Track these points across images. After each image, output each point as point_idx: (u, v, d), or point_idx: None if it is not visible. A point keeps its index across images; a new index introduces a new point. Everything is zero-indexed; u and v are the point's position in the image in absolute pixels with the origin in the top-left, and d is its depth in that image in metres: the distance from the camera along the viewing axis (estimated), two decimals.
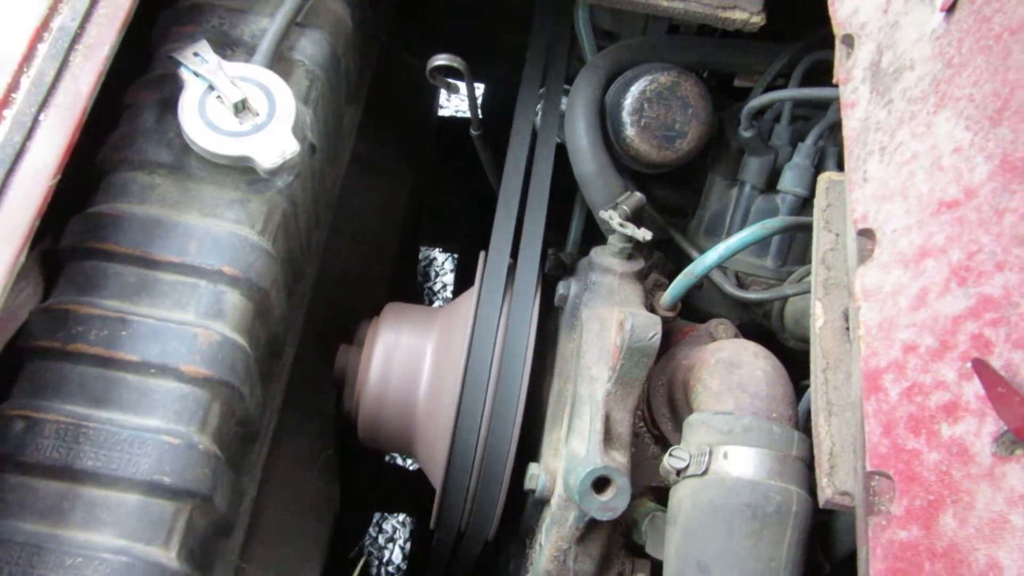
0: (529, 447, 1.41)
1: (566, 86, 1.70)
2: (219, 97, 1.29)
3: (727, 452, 1.21)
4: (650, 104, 1.53)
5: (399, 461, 3.19)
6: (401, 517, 3.37)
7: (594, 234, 1.88)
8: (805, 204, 1.67)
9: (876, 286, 1.04)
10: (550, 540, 1.34)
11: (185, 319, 1.22)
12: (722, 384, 1.28)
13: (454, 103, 3.51)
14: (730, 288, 1.63)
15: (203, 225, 1.28)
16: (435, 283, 4.05)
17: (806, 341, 1.71)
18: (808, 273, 1.66)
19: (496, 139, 1.83)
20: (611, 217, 1.47)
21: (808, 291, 1.58)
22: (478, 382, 1.38)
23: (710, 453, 1.21)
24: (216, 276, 1.26)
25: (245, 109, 1.30)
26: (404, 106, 2.17)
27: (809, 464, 1.23)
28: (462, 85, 1.69)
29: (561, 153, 1.64)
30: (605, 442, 1.27)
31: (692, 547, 1.18)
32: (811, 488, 1.22)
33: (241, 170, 1.31)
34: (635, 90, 1.54)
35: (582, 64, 1.75)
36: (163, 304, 1.23)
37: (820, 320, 1.28)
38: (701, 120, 1.55)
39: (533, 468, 1.36)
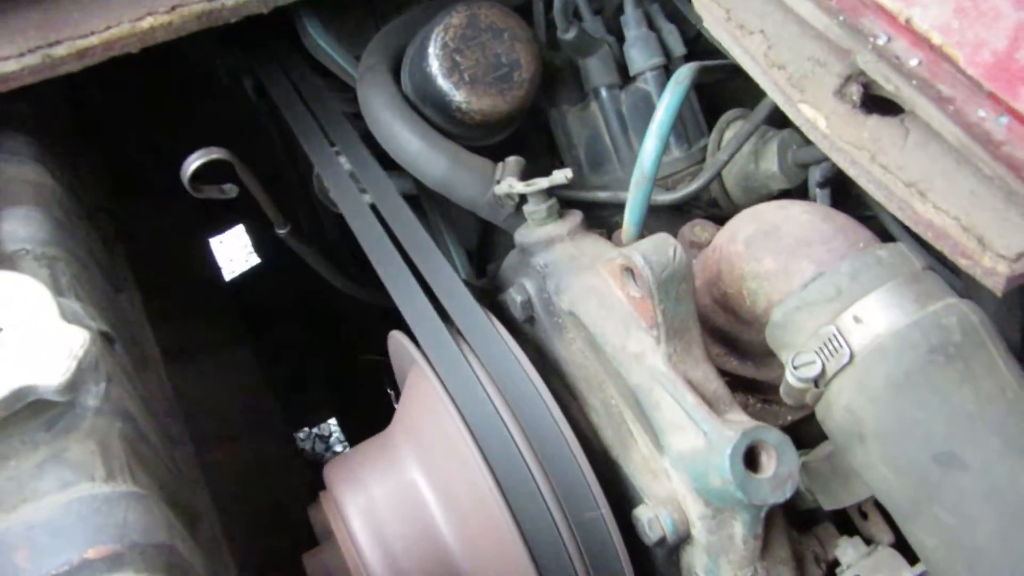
0: (616, 498, 1.01)
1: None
2: None
3: (855, 315, 0.88)
4: (461, 53, 1.21)
5: None
6: None
7: (482, 254, 1.54)
8: (667, 73, 1.42)
9: None
10: None
11: None
12: (779, 257, 0.96)
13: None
14: (666, 196, 1.32)
15: (17, 522, 0.80)
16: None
17: (764, 199, 1.45)
18: (722, 132, 1.40)
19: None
20: (511, 187, 1.13)
21: (739, 148, 1.31)
22: (513, 471, 0.97)
23: (837, 332, 0.88)
24: (83, 572, 0.78)
25: None
26: (185, 275, 1.73)
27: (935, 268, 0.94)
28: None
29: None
30: (713, 410, 0.90)
31: (909, 448, 0.83)
32: (960, 292, 0.92)
33: (26, 415, 0.84)
34: (435, 50, 1.21)
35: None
36: None
37: (821, 119, 0.99)
38: (523, 39, 1.25)
39: (643, 512, 0.96)
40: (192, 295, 1.70)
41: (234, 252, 2.96)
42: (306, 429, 3.34)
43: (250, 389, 1.57)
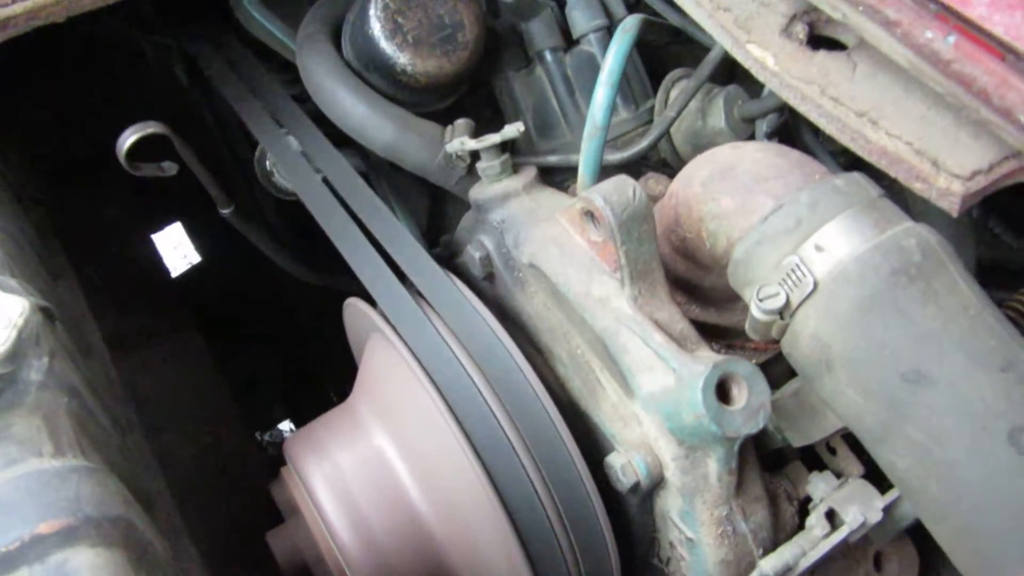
0: (587, 449, 1.00)
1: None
2: None
3: (816, 243, 0.88)
4: (403, 15, 1.19)
5: None
6: None
7: (433, 226, 1.51)
8: (610, 34, 1.41)
9: None
10: (703, 519, 0.93)
11: None
12: (736, 195, 0.95)
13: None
14: (616, 155, 1.32)
15: None
16: None
17: None
18: (668, 92, 1.41)
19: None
20: (463, 144, 1.11)
21: (687, 104, 1.32)
22: (483, 428, 0.95)
23: (800, 261, 0.88)
24: (36, 548, 0.73)
25: None
26: (127, 267, 1.67)
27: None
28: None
29: None
30: (680, 348, 0.89)
31: (878, 370, 0.84)
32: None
33: None
34: (376, 12, 1.18)
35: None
36: None
37: (769, 58, 1.00)
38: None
39: (615, 459, 0.95)
40: (136, 287, 1.64)
41: (174, 253, 2.87)
42: (257, 434, 3.27)
43: (201, 377, 1.52)
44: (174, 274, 2.18)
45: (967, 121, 0.85)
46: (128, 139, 1.15)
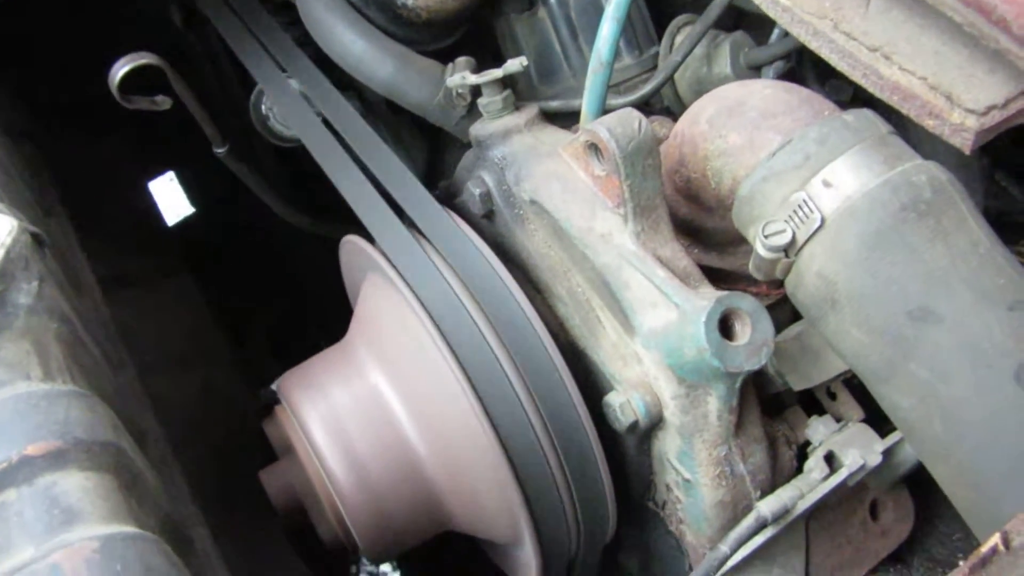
0: (587, 389, 0.98)
1: None
2: None
3: (825, 179, 0.86)
4: None
5: None
6: None
7: (431, 175, 1.49)
8: None
9: None
10: (701, 459, 0.92)
11: (24, 557, 0.68)
12: (744, 132, 0.93)
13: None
14: (620, 100, 1.29)
15: None
16: None
17: None
18: (673, 37, 1.38)
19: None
20: (464, 79, 1.08)
21: (692, 49, 1.29)
22: (482, 366, 0.93)
23: (807, 197, 0.86)
24: (24, 469, 0.72)
25: None
26: (121, 208, 1.65)
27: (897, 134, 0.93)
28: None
29: None
30: (683, 284, 0.88)
31: (884, 307, 0.82)
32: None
33: None
34: None
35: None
36: None
37: None
38: None
39: (614, 399, 0.93)
40: (129, 230, 1.62)
41: (167, 203, 2.84)
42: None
43: (193, 318, 1.50)
44: (169, 222, 2.15)
45: (983, 55, 0.83)
46: (121, 69, 1.12)
